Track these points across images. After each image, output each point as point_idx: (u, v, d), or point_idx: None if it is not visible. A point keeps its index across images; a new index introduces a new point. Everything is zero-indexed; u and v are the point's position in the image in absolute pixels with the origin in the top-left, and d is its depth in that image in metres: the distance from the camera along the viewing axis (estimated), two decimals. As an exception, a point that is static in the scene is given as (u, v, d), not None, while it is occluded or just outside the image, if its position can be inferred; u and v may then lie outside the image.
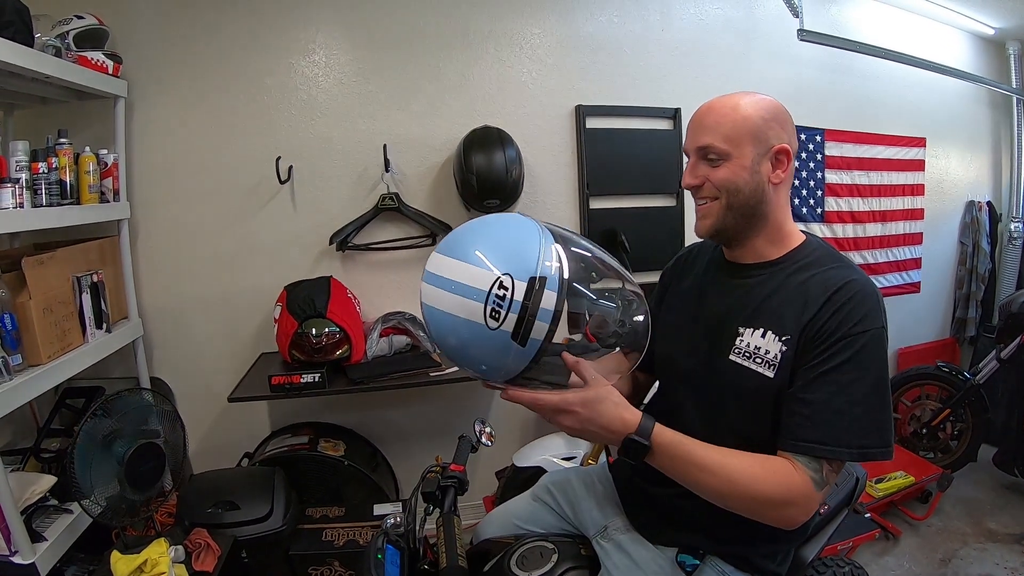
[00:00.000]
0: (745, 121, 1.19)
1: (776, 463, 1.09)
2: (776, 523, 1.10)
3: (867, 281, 1.16)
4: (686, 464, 1.11)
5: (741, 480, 1.08)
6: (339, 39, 2.73)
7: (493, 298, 1.02)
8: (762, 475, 1.08)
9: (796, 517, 1.09)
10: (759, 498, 1.08)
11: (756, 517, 1.10)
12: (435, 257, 1.11)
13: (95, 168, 2.23)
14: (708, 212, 1.25)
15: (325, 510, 2.34)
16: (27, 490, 1.90)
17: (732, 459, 1.10)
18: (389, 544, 1.31)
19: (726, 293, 1.30)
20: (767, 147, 1.20)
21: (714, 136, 1.19)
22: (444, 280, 1.06)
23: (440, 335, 1.10)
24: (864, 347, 1.09)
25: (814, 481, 1.07)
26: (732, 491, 1.09)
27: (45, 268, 1.98)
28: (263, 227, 2.71)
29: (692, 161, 1.25)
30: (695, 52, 3.17)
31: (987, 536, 2.90)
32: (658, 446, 1.10)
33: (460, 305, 1.04)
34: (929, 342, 4.29)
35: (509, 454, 2.63)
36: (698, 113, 1.24)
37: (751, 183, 1.20)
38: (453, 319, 1.05)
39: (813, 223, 3.59)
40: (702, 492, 1.12)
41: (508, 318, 1.02)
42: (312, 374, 2.30)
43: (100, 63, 2.30)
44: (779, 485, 1.07)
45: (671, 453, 1.11)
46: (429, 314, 1.10)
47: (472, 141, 2.63)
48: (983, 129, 4.35)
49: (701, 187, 1.23)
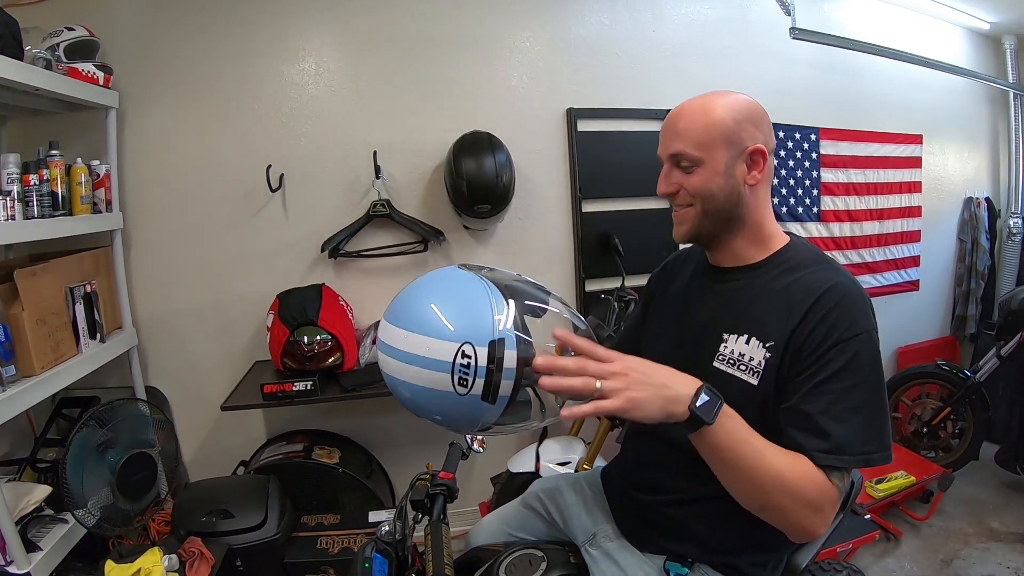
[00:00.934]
0: (717, 125, 1.17)
1: (808, 463, 1.04)
2: (798, 529, 1.06)
3: (852, 283, 1.15)
4: (745, 440, 1.03)
5: (787, 473, 1.02)
6: (329, 46, 2.73)
7: (458, 367, 1.03)
8: (801, 472, 1.03)
9: (818, 527, 1.05)
10: (797, 497, 1.03)
11: (782, 518, 1.05)
12: (389, 329, 1.12)
13: (87, 179, 2.24)
14: (684, 218, 1.24)
15: (320, 518, 2.34)
16: (22, 500, 1.91)
17: (777, 448, 1.05)
18: (377, 553, 1.31)
19: (709, 298, 1.30)
20: (741, 149, 1.18)
21: (685, 143, 1.18)
22: (405, 354, 1.07)
23: (410, 402, 1.11)
24: (857, 352, 1.07)
25: (839, 491, 1.05)
26: (776, 484, 1.02)
27: (38, 279, 1.99)
28: (255, 235, 2.71)
29: (665, 168, 1.24)
30: (687, 53, 3.15)
31: (989, 536, 2.88)
32: (723, 416, 1.01)
33: (426, 377, 1.05)
34: (929, 340, 4.26)
35: (504, 460, 2.62)
36: (669, 118, 1.23)
37: (726, 188, 1.19)
38: (420, 389, 1.06)
39: (809, 222, 3.57)
40: (746, 480, 1.05)
41: (476, 383, 1.04)
42: (304, 382, 2.30)
43: (91, 74, 2.30)
44: (816, 486, 1.03)
45: (737, 422, 1.04)
46: (395, 384, 1.11)
47: (462, 146, 2.63)
48: (980, 125, 4.32)
49: (676, 194, 1.23)
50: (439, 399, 1.05)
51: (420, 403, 1.09)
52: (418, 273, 2.77)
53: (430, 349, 1.04)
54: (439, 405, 1.07)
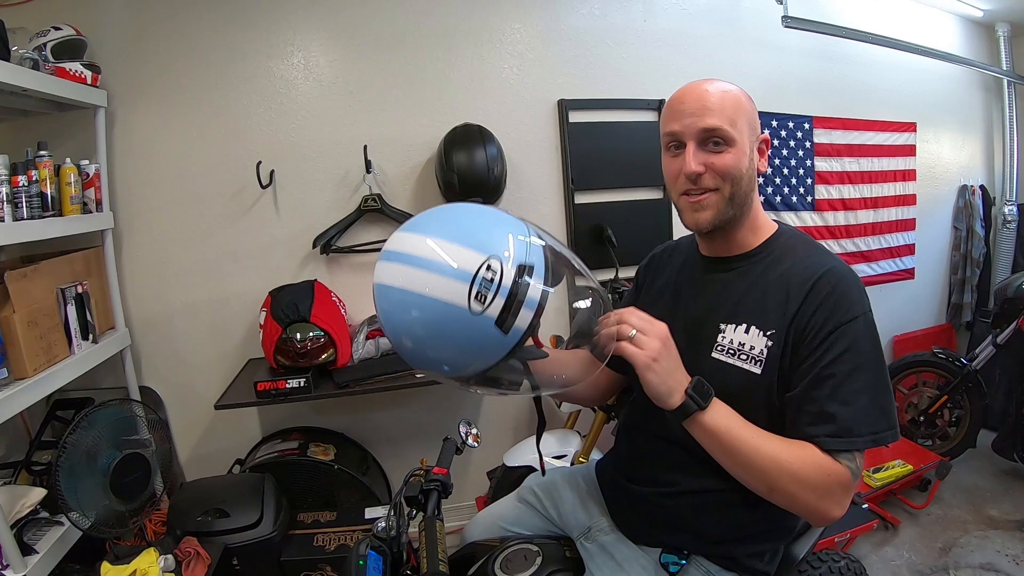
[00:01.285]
0: (743, 106, 1.17)
1: (811, 448, 1.06)
2: (813, 514, 1.08)
3: (845, 267, 1.15)
4: (741, 428, 1.08)
5: (785, 457, 1.05)
6: (317, 41, 2.71)
7: (480, 280, 0.94)
8: (801, 456, 1.05)
9: (832, 510, 1.06)
10: (801, 480, 1.04)
11: (793, 503, 1.07)
12: (403, 236, 1.02)
13: (77, 179, 2.22)
14: (706, 204, 1.19)
15: (316, 515, 2.33)
16: (17, 503, 1.90)
17: (772, 435, 1.09)
18: (372, 550, 1.31)
19: (703, 289, 1.29)
20: (756, 135, 1.20)
21: (720, 118, 1.14)
22: (418, 259, 0.96)
23: (403, 322, 0.99)
24: (857, 335, 1.08)
25: (852, 472, 1.05)
26: (777, 468, 1.05)
27: (28, 281, 1.98)
28: (247, 232, 2.70)
29: (691, 146, 1.16)
30: (678, 42, 3.14)
31: (988, 523, 2.89)
32: (716, 401, 1.10)
33: (439, 285, 0.94)
34: (925, 328, 4.26)
35: (499, 454, 2.62)
36: (692, 94, 1.18)
37: (749, 171, 1.18)
38: (426, 301, 0.95)
39: (804, 211, 3.56)
40: (747, 466, 1.08)
41: (494, 302, 0.95)
42: (298, 379, 2.29)
43: (78, 74, 2.29)
44: (820, 470, 1.04)
45: (728, 410, 1.10)
46: (390, 296, 0.99)
47: (453, 140, 2.61)
48: (974, 112, 4.32)
49: (701, 176, 1.17)
50: (446, 316, 0.95)
51: (412, 322, 0.98)
52: None
53: (451, 256, 0.96)
54: (443, 325, 0.96)
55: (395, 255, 1.00)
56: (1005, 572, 2.55)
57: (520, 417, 3.10)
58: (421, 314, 0.96)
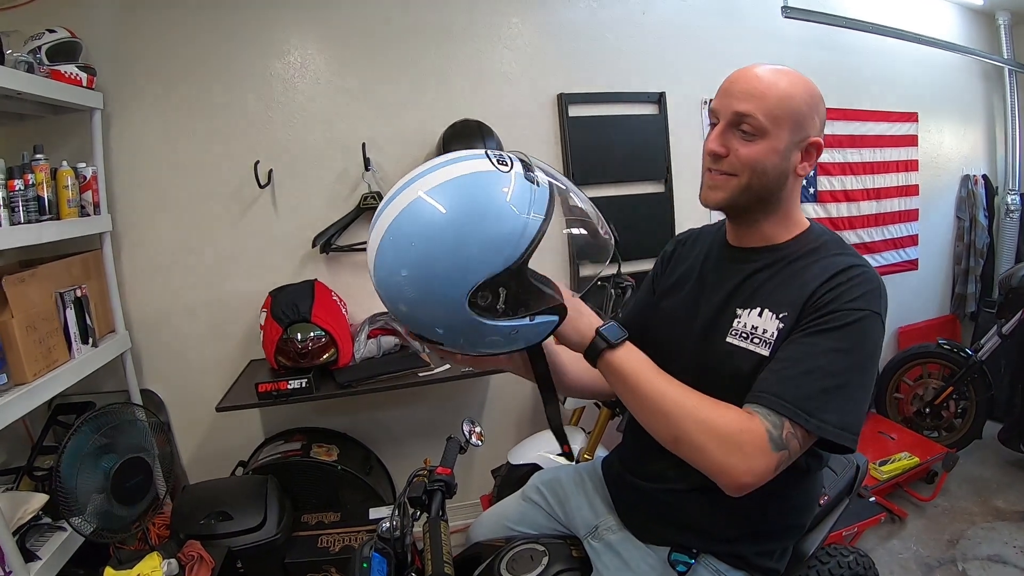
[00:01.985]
0: (791, 103, 1.12)
1: (733, 407, 1.03)
2: (720, 472, 1.00)
3: (873, 271, 1.12)
4: (651, 370, 1.08)
5: (694, 403, 1.03)
6: (314, 40, 2.70)
7: (492, 155, 0.96)
8: (715, 409, 1.02)
9: (741, 471, 0.98)
10: (710, 429, 1.00)
11: (701, 457, 1.01)
12: (400, 183, 0.99)
13: (73, 182, 2.21)
14: (721, 185, 1.17)
15: (320, 516, 2.33)
16: (19, 509, 1.89)
17: (690, 389, 1.07)
18: (376, 552, 1.29)
19: (727, 278, 1.26)
20: (803, 136, 1.14)
21: (757, 106, 1.10)
22: (431, 166, 0.96)
23: (437, 212, 0.92)
24: (855, 323, 1.04)
25: (769, 436, 0.99)
26: (683, 414, 1.02)
27: (26, 286, 1.96)
28: (245, 233, 2.69)
29: (721, 126, 1.14)
30: (678, 34, 3.13)
31: (995, 515, 2.88)
32: (628, 344, 1.09)
33: (461, 167, 0.94)
34: (929, 319, 4.25)
35: (504, 452, 2.61)
36: (740, 76, 1.15)
37: (778, 169, 1.14)
38: (458, 180, 0.93)
39: (806, 203, 3.55)
40: (653, 410, 1.05)
41: (515, 163, 0.96)
42: (299, 380, 2.28)
43: (74, 76, 2.27)
44: (732, 422, 1.00)
45: (640, 356, 1.09)
46: (417, 202, 0.93)
47: (452, 135, 2.60)
48: (976, 102, 4.30)
49: (723, 158, 1.15)
50: (481, 180, 0.93)
51: (461, 193, 0.92)
52: None
53: (456, 156, 0.97)
54: (481, 188, 0.92)
55: (407, 180, 0.98)
56: (1013, 563, 2.54)
57: (523, 415, 3.09)
58: (463, 187, 0.93)
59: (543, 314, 1.00)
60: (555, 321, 1.03)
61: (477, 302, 0.93)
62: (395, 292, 0.96)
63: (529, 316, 0.98)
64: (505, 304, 0.96)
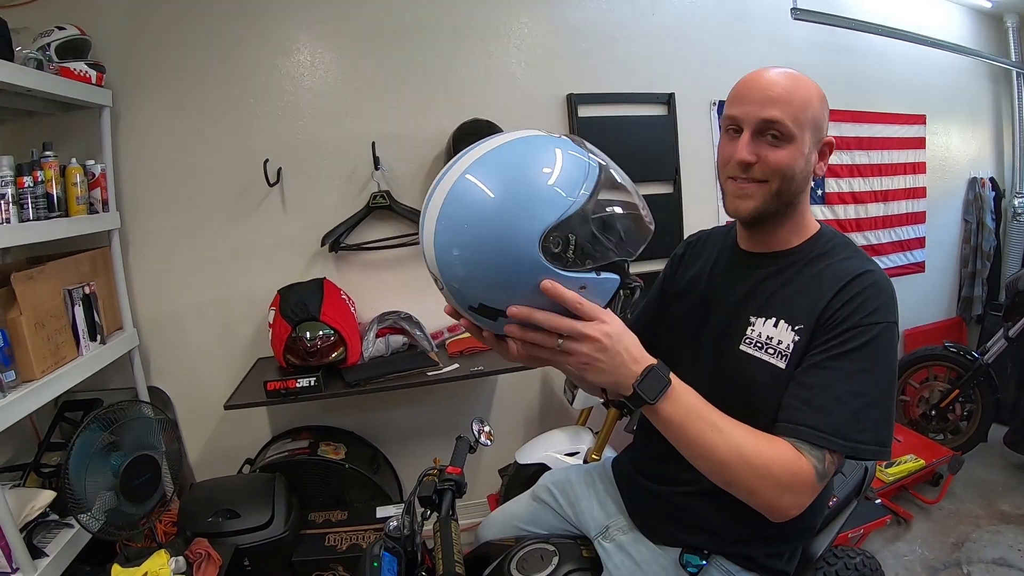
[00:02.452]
0: (811, 105, 1.13)
1: (782, 443, 1.02)
2: (770, 510, 1.02)
3: (883, 274, 1.12)
4: (699, 419, 1.01)
5: (749, 450, 1.00)
6: (323, 38, 2.70)
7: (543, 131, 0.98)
8: (767, 451, 1.00)
9: (791, 508, 1.02)
10: (763, 475, 0.99)
11: (753, 498, 1.02)
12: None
13: (82, 179, 2.21)
14: (751, 193, 1.15)
15: (327, 514, 2.33)
16: (27, 506, 1.89)
17: (740, 427, 1.03)
18: (386, 551, 1.29)
19: (738, 283, 1.26)
20: (820, 137, 1.16)
21: (783, 112, 1.10)
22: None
23: (493, 163, 0.92)
24: (875, 339, 1.05)
25: (816, 472, 1.01)
26: (738, 461, 0.99)
27: (35, 283, 1.97)
28: (254, 231, 2.69)
29: (747, 135, 1.13)
30: (687, 35, 3.12)
31: (1000, 518, 2.87)
32: (677, 388, 1.00)
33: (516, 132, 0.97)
34: (935, 322, 4.24)
35: (511, 451, 2.61)
36: (758, 82, 1.15)
37: (804, 171, 1.15)
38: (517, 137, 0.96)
39: (814, 205, 3.53)
40: (705, 457, 1.02)
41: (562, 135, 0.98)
42: (308, 378, 2.28)
43: (83, 73, 2.27)
44: (785, 466, 1.00)
45: (687, 403, 1.01)
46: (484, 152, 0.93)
47: (462, 135, 2.59)
48: (983, 104, 4.29)
49: (751, 166, 1.14)
50: (544, 140, 0.95)
51: (522, 145, 0.95)
52: (420, 265, 2.75)
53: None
54: (539, 139, 0.96)
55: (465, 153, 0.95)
56: (1018, 567, 2.53)
57: (531, 414, 3.09)
58: (519, 143, 0.95)
59: (606, 270, 0.95)
60: (616, 280, 0.97)
61: (549, 247, 0.88)
62: (452, 256, 0.91)
63: (596, 270, 0.93)
64: (574, 253, 0.91)
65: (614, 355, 0.95)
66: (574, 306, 0.90)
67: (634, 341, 0.99)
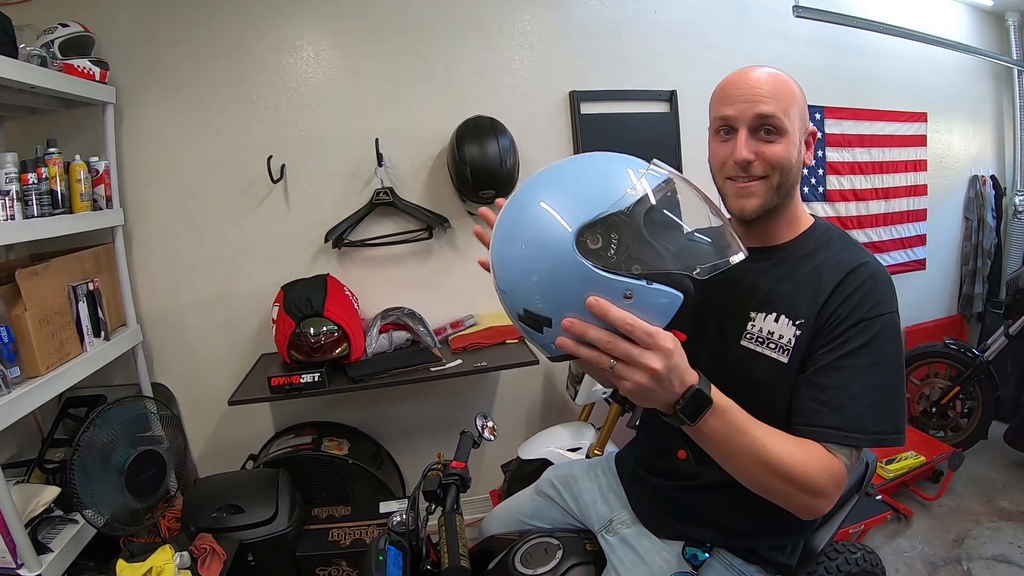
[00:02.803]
0: (796, 97, 1.16)
1: (815, 447, 1.03)
2: (804, 510, 1.04)
3: (879, 264, 1.14)
4: (740, 435, 0.98)
5: (788, 461, 0.99)
6: (326, 35, 2.70)
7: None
8: (805, 460, 1.01)
9: (822, 507, 1.04)
10: (801, 483, 1.00)
11: (786, 502, 1.03)
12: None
13: (86, 176, 2.22)
14: (753, 191, 1.16)
15: (331, 510, 2.33)
16: (31, 502, 1.90)
17: (779, 436, 1.02)
18: (391, 545, 1.30)
19: (737, 278, 1.25)
20: (805, 127, 1.18)
21: (776, 106, 1.12)
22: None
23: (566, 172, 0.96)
24: (880, 332, 1.07)
25: (847, 468, 1.04)
26: (778, 472, 0.99)
27: (40, 279, 1.97)
28: (258, 227, 2.69)
29: (743, 133, 1.14)
30: (689, 32, 3.12)
31: (1000, 515, 2.88)
32: (718, 406, 0.96)
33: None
34: (936, 319, 4.24)
35: (514, 447, 2.62)
36: (746, 80, 1.16)
37: (797, 163, 1.17)
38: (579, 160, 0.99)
39: (815, 202, 3.55)
40: (745, 470, 1.02)
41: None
42: (312, 374, 2.29)
43: (87, 70, 2.28)
44: (822, 471, 1.01)
45: (727, 419, 0.98)
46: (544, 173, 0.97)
47: (465, 132, 2.60)
48: (984, 102, 4.28)
49: (750, 164, 1.15)
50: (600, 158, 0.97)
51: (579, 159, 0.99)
52: (423, 261, 2.83)
53: None
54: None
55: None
56: (1018, 564, 2.53)
57: (533, 410, 3.10)
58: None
59: (662, 283, 0.88)
60: (679, 297, 0.89)
61: (586, 242, 0.86)
62: (503, 258, 0.94)
63: (645, 278, 0.87)
64: (616, 253, 0.87)
65: (666, 384, 0.90)
66: (624, 327, 0.85)
67: (684, 361, 0.93)
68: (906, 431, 1.09)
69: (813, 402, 1.07)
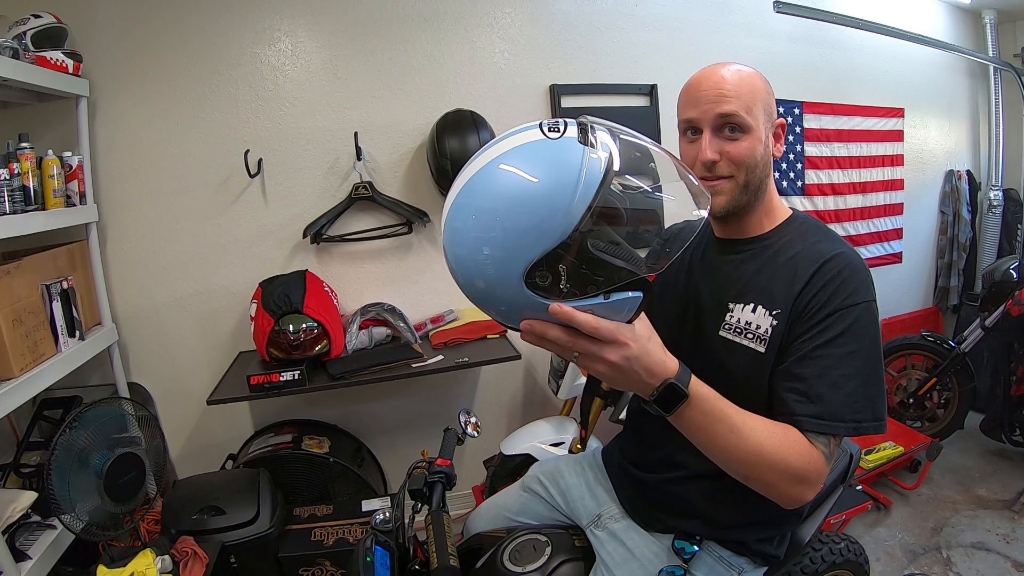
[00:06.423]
0: (759, 92, 1.16)
1: (795, 433, 1.04)
2: (786, 499, 1.04)
3: (855, 254, 1.15)
4: (718, 423, 0.99)
5: (767, 448, 1.00)
6: (305, 27, 2.65)
7: (545, 123, 0.85)
8: (784, 444, 1.02)
9: (805, 495, 1.04)
10: (782, 470, 1.01)
11: (769, 490, 1.03)
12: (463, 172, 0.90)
13: (59, 171, 2.16)
14: (720, 190, 1.18)
15: (313, 509, 2.31)
16: (8, 508, 1.85)
17: (758, 423, 1.03)
18: (378, 546, 1.29)
19: (715, 270, 1.28)
20: (772, 120, 1.19)
21: (738, 105, 1.13)
22: (487, 148, 0.88)
23: (495, 181, 0.85)
24: (857, 320, 1.08)
25: (825, 456, 1.04)
26: (757, 460, 1.00)
27: (12, 278, 1.93)
28: (235, 223, 2.65)
29: (707, 133, 1.15)
30: (670, 27, 3.12)
31: (977, 503, 2.93)
32: (695, 397, 0.97)
33: (513, 139, 0.86)
34: (912, 312, 4.31)
35: (496, 442, 2.61)
36: (709, 79, 1.16)
37: (764, 158, 1.18)
38: (510, 152, 0.85)
39: (794, 196, 3.58)
40: (725, 458, 1.02)
41: (568, 128, 0.84)
42: (291, 372, 2.26)
43: (60, 63, 2.22)
44: (801, 457, 1.02)
45: (706, 408, 0.98)
46: (477, 174, 0.86)
47: (445, 125, 2.58)
48: (961, 98, 4.35)
49: (716, 164, 1.16)
50: (530, 150, 0.84)
51: (509, 166, 0.84)
52: (403, 256, 2.82)
53: (511, 131, 0.89)
54: (530, 155, 0.83)
55: (467, 166, 0.90)
56: (996, 551, 2.58)
57: (515, 405, 3.09)
58: (514, 158, 0.84)
59: (620, 290, 0.87)
60: (638, 298, 0.89)
61: (536, 282, 0.84)
62: (464, 278, 0.89)
63: (603, 294, 0.86)
64: (569, 283, 0.85)
65: (630, 374, 0.92)
66: (590, 331, 0.86)
67: (655, 356, 0.94)
68: (886, 419, 1.10)
69: (792, 392, 1.08)
